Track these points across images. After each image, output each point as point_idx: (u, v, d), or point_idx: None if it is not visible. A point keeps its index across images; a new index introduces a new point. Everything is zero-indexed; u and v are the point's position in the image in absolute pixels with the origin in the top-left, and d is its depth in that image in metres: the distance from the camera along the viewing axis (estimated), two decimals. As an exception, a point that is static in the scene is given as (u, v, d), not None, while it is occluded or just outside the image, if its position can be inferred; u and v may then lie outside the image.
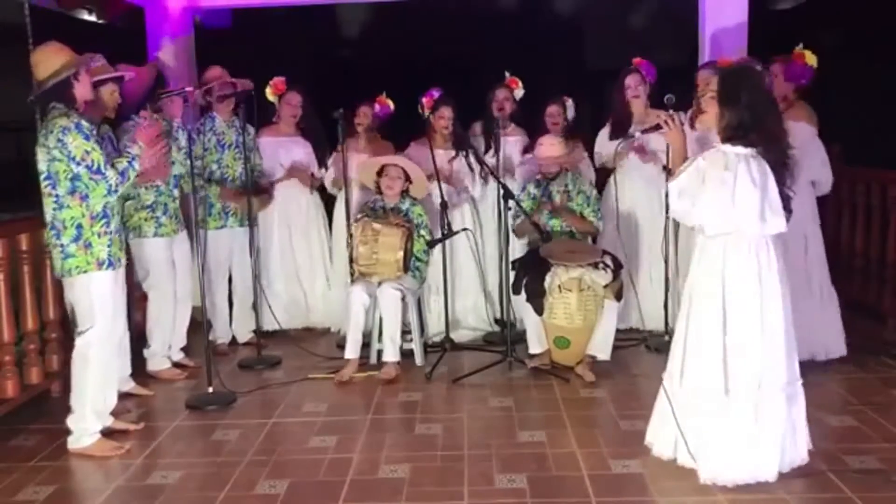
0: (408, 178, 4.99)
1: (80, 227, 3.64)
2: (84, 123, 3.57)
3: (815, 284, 4.58)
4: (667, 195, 4.74)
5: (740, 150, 3.08)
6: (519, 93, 5.63)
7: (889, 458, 3.42)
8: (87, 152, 3.54)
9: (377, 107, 5.61)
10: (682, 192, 3.12)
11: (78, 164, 3.54)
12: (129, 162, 3.69)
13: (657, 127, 3.28)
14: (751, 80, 3.19)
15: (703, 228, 3.16)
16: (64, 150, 3.52)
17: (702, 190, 3.08)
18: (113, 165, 3.65)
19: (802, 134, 4.28)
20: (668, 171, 4.93)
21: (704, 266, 3.20)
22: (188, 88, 4.49)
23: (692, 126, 4.06)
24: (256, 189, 5.19)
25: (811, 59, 4.57)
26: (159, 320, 4.72)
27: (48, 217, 3.66)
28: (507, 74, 5.65)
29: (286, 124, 5.55)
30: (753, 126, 3.07)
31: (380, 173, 4.99)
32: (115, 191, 3.64)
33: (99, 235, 3.66)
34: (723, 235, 3.13)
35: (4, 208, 4.62)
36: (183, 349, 5.00)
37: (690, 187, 3.11)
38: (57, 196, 3.61)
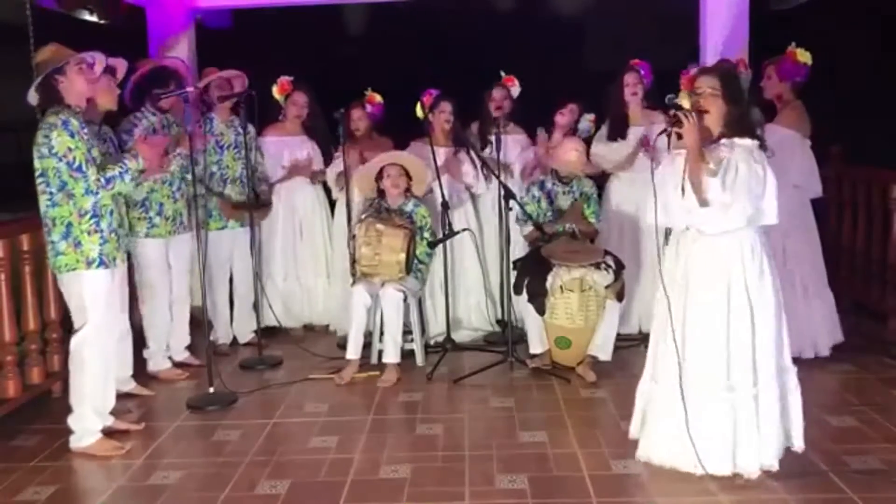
0: (407, 176, 4.97)
1: (69, 225, 3.64)
2: (72, 121, 3.56)
3: (799, 282, 4.58)
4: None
5: (749, 142, 3.12)
6: (516, 90, 5.62)
7: (890, 459, 3.42)
8: (70, 149, 3.54)
9: (368, 107, 5.62)
10: (726, 186, 3.08)
11: (59, 160, 3.55)
12: (120, 173, 3.68)
13: (677, 123, 3.21)
14: (741, 78, 3.29)
15: (711, 226, 3.14)
16: (49, 146, 3.53)
17: (737, 183, 3.07)
18: (102, 169, 3.64)
19: (789, 140, 4.33)
20: None
21: (713, 267, 3.19)
22: (188, 89, 4.49)
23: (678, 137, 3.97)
24: (257, 202, 5.19)
25: (803, 56, 4.59)
26: (153, 321, 4.72)
27: (42, 214, 3.68)
28: (501, 74, 5.65)
29: (292, 124, 5.56)
30: (752, 118, 3.17)
31: (378, 176, 4.97)
32: (94, 192, 3.62)
33: (88, 234, 3.66)
34: (735, 232, 3.14)
35: (5, 208, 4.62)
36: (188, 348, 5.00)
37: (728, 181, 3.08)
38: (50, 194, 3.62)
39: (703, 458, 3.18)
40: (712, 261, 3.18)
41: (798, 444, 3.30)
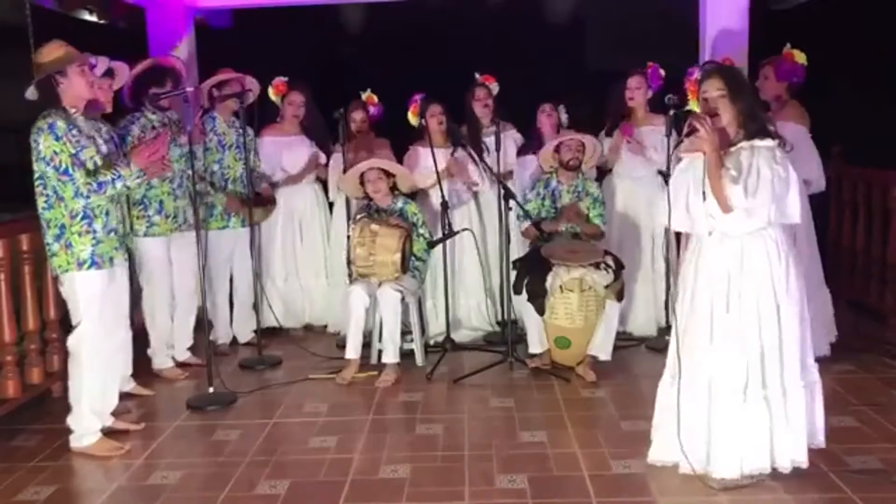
0: (389, 174, 4.96)
1: (62, 226, 3.64)
2: (58, 124, 3.54)
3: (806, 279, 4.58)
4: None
5: (770, 143, 3.10)
6: (495, 88, 5.56)
7: (890, 459, 3.43)
8: (56, 153, 3.53)
9: (371, 109, 5.62)
10: (749, 191, 3.06)
11: (47, 164, 3.54)
12: (113, 179, 3.64)
13: (693, 130, 3.21)
14: (743, 74, 3.35)
15: (736, 226, 3.11)
16: (37, 150, 3.54)
17: (761, 186, 3.05)
18: (94, 172, 3.62)
19: (794, 134, 4.33)
20: (665, 176, 4.95)
21: (740, 268, 3.16)
22: (188, 88, 4.49)
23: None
24: (260, 199, 5.18)
25: (800, 57, 4.61)
26: (153, 318, 4.73)
27: (39, 215, 3.67)
28: (476, 76, 5.59)
29: (289, 124, 5.55)
30: (762, 115, 3.12)
31: (361, 181, 4.96)
32: (85, 196, 3.60)
33: (79, 235, 3.65)
34: (759, 232, 3.12)
35: (5, 208, 4.62)
36: (190, 348, 5.01)
37: (751, 185, 3.06)
38: (46, 196, 3.62)
39: (716, 461, 3.18)
40: (741, 262, 3.16)
41: (819, 440, 3.31)
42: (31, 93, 3.65)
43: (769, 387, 3.16)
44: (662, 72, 5.32)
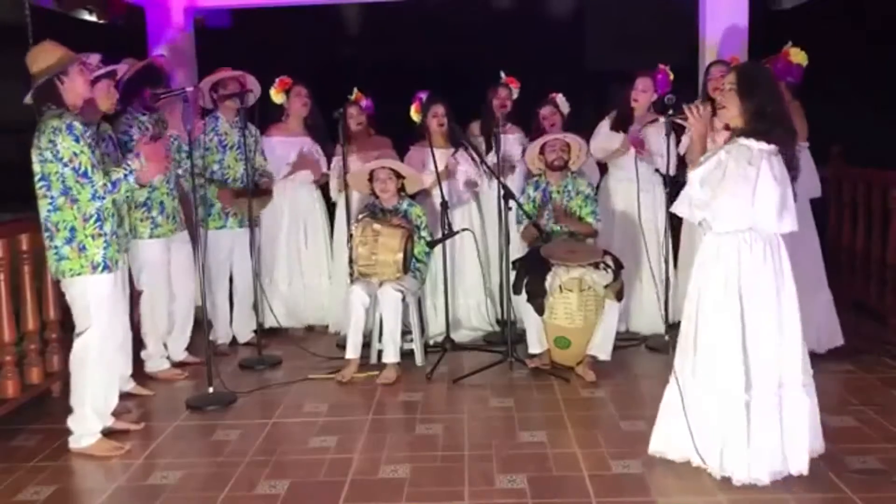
0: (399, 175, 4.97)
1: (73, 229, 3.61)
2: (76, 124, 3.53)
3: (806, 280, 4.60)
4: (668, 195, 4.79)
5: (763, 146, 3.09)
6: (515, 92, 5.63)
7: (890, 459, 3.43)
8: (76, 154, 3.51)
9: (363, 103, 5.61)
10: (704, 181, 3.10)
11: (65, 165, 3.52)
12: (125, 175, 3.64)
13: (681, 114, 3.25)
14: (766, 74, 3.28)
15: (714, 223, 3.15)
16: (54, 150, 3.50)
17: (722, 183, 3.07)
18: (107, 173, 3.62)
19: None
20: (664, 177, 4.97)
21: (715, 264, 3.18)
22: (188, 89, 4.49)
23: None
24: (256, 191, 5.18)
25: (798, 56, 4.60)
26: (152, 322, 4.71)
27: (42, 219, 3.64)
28: (502, 74, 5.64)
29: (296, 120, 5.53)
30: (774, 118, 3.10)
31: (370, 178, 4.98)
32: (101, 197, 3.59)
33: (93, 238, 3.64)
34: (736, 233, 3.13)
35: (5, 209, 4.62)
36: (187, 347, 5.00)
37: (712, 179, 3.09)
38: (51, 198, 3.59)
39: (706, 454, 3.20)
40: (714, 258, 3.19)
41: (818, 445, 3.27)
42: (30, 98, 3.64)
43: (731, 391, 3.14)
44: (671, 76, 5.32)
